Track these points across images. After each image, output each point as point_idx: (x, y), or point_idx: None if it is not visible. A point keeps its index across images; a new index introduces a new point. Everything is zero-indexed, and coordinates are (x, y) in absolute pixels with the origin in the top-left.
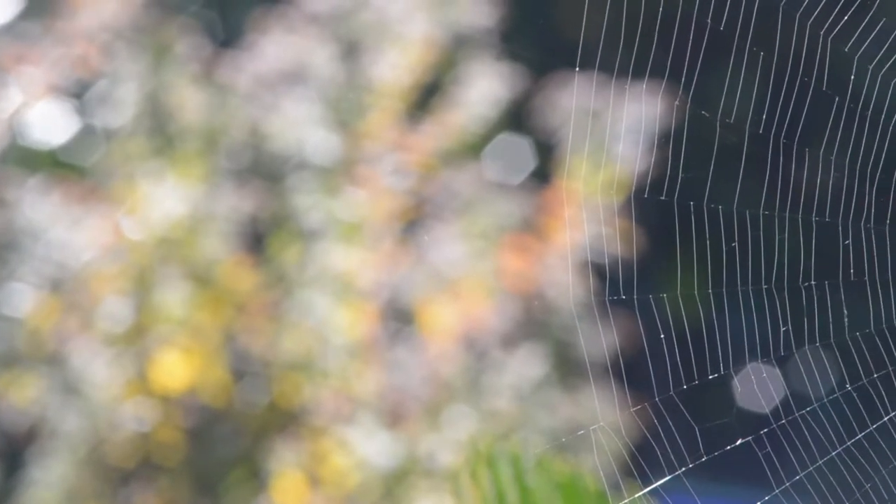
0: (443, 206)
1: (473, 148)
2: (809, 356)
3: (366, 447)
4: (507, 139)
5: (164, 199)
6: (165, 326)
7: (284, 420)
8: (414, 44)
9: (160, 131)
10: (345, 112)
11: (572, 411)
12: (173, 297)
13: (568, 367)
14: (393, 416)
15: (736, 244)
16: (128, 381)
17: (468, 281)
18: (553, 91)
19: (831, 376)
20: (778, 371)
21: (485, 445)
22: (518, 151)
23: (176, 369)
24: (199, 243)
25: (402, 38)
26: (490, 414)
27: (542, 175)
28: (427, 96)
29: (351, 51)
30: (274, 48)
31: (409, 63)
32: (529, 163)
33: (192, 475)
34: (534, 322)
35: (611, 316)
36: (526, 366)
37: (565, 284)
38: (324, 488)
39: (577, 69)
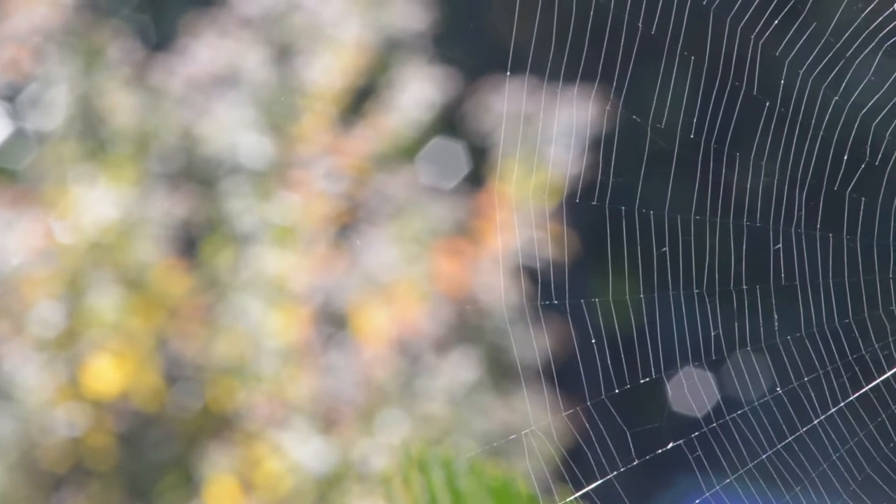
0: (376, 210)
1: (407, 152)
2: (741, 360)
3: (299, 452)
4: (440, 143)
5: (96, 203)
6: (97, 331)
7: (217, 425)
8: (347, 47)
9: (92, 135)
10: (278, 116)
11: (505, 415)
12: (105, 302)
13: (501, 372)
14: (326, 421)
15: (667, 249)
16: (60, 385)
17: (401, 285)
18: (486, 95)
19: (762, 380)
20: (710, 375)
21: (417, 450)
22: (451, 155)
23: (108, 374)
24: (132, 247)
25: (335, 41)
26: (423, 418)
27: (476, 179)
28: (360, 100)
29: (284, 54)
30: (206, 51)
31: (342, 66)
32: (463, 167)
33: (124, 480)
34: (467, 326)
35: (542, 320)
36: (459, 370)
37: (498, 288)
38: (257, 493)
39: (509, 73)
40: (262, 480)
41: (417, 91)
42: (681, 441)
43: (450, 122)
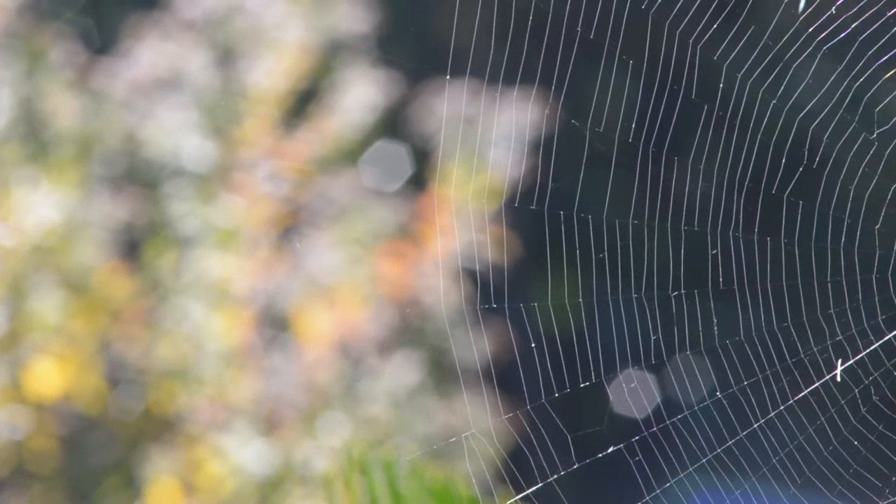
0: (319, 212)
1: (350, 154)
2: (680, 364)
3: (241, 454)
4: (383, 146)
5: (39, 206)
6: (39, 334)
7: (159, 427)
8: (289, 50)
9: (34, 138)
10: (220, 119)
11: (447, 418)
12: (47, 305)
13: (443, 374)
14: (268, 424)
15: (605, 253)
16: (1, 388)
17: (344, 288)
18: (429, 97)
19: (702, 383)
20: (650, 379)
21: (358, 452)
22: (394, 158)
23: (50, 377)
24: (74, 250)
25: (278, 44)
26: (365, 421)
27: (420, 182)
28: (303, 103)
29: (226, 57)
30: (149, 55)
31: (285, 69)
32: (406, 170)
33: (66, 483)
34: (409, 329)
35: (482, 324)
36: (401, 372)
37: (440, 291)
38: (199, 496)
39: (449, 76)
40: (204, 483)
41: (360, 94)
42: (621, 445)
43: (393, 124)
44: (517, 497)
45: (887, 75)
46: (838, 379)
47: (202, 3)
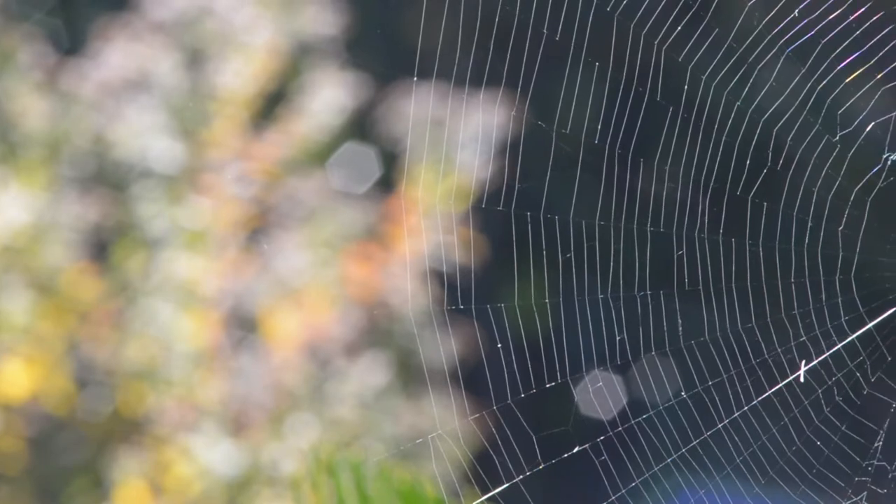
0: (287, 214)
1: (318, 156)
2: (646, 365)
3: (209, 456)
4: (351, 148)
5: (7, 207)
6: (8, 335)
7: (128, 428)
8: (258, 52)
9: (3, 139)
10: (189, 120)
11: (415, 419)
12: (16, 306)
13: (410, 376)
14: (236, 425)
15: (572, 254)
16: None
17: (312, 289)
18: (397, 100)
19: (667, 384)
20: (616, 379)
21: (326, 454)
22: (363, 160)
23: (18, 378)
24: (43, 251)
25: (247, 46)
26: (333, 422)
27: (388, 184)
28: (272, 105)
29: (195, 59)
30: (118, 56)
31: (254, 71)
32: (374, 171)
33: (34, 484)
34: (377, 330)
35: (449, 325)
36: (369, 374)
37: (408, 293)
38: (167, 497)
39: (416, 78)
40: (172, 484)
41: (329, 96)
42: (587, 445)
43: (361, 127)
44: (483, 498)
45: (850, 78)
46: (802, 380)
47: (171, 5)
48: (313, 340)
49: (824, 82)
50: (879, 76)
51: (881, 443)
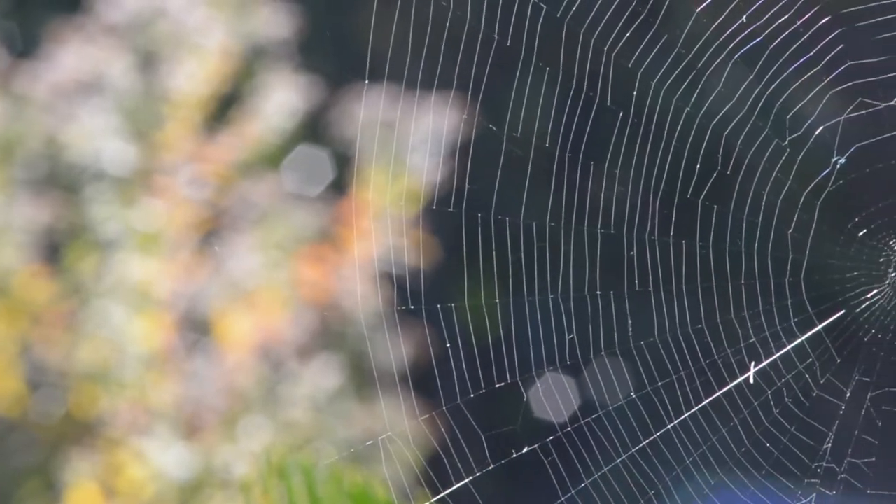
0: (240, 216)
1: (271, 159)
2: (596, 364)
3: (161, 458)
4: (305, 150)
5: None
6: None
7: (80, 431)
8: (211, 54)
9: None
10: (142, 122)
11: (368, 421)
12: None
13: (363, 378)
14: (189, 428)
15: (522, 255)
16: None
17: (264, 292)
18: (349, 102)
19: (617, 384)
20: (566, 379)
21: (277, 457)
22: (316, 163)
23: None
24: None
25: (200, 48)
26: (286, 425)
27: (341, 186)
28: (225, 107)
29: (148, 61)
30: (71, 58)
31: (207, 74)
32: (328, 174)
33: None
34: (329, 332)
35: (399, 327)
36: (321, 376)
37: (359, 295)
38: (119, 499)
39: (367, 81)
40: (125, 487)
41: (281, 99)
42: (536, 445)
43: (314, 129)
44: (434, 499)
45: (797, 83)
46: (751, 381)
47: (124, 7)
48: (266, 343)
49: (773, 87)
50: (827, 80)
51: (830, 444)
